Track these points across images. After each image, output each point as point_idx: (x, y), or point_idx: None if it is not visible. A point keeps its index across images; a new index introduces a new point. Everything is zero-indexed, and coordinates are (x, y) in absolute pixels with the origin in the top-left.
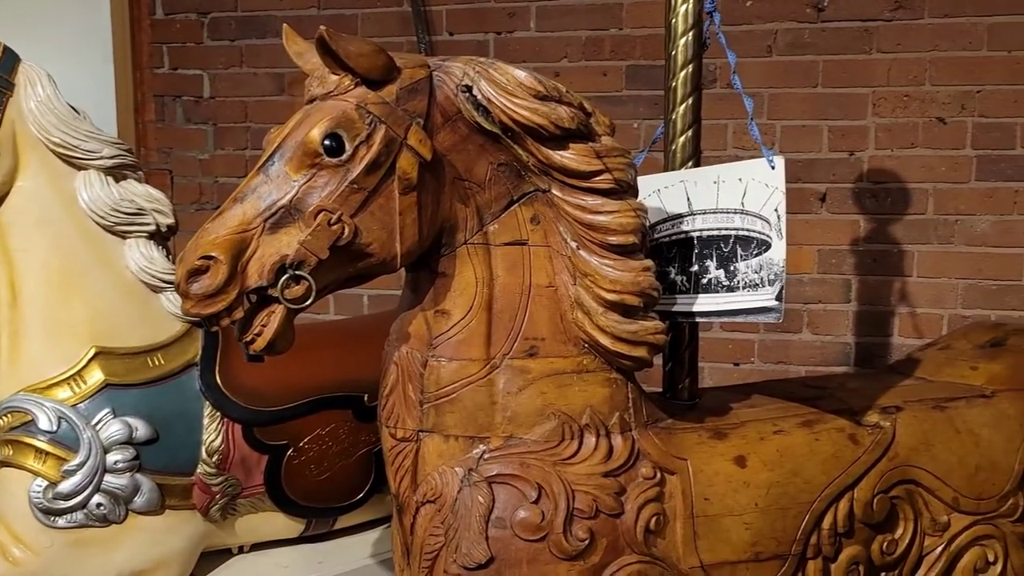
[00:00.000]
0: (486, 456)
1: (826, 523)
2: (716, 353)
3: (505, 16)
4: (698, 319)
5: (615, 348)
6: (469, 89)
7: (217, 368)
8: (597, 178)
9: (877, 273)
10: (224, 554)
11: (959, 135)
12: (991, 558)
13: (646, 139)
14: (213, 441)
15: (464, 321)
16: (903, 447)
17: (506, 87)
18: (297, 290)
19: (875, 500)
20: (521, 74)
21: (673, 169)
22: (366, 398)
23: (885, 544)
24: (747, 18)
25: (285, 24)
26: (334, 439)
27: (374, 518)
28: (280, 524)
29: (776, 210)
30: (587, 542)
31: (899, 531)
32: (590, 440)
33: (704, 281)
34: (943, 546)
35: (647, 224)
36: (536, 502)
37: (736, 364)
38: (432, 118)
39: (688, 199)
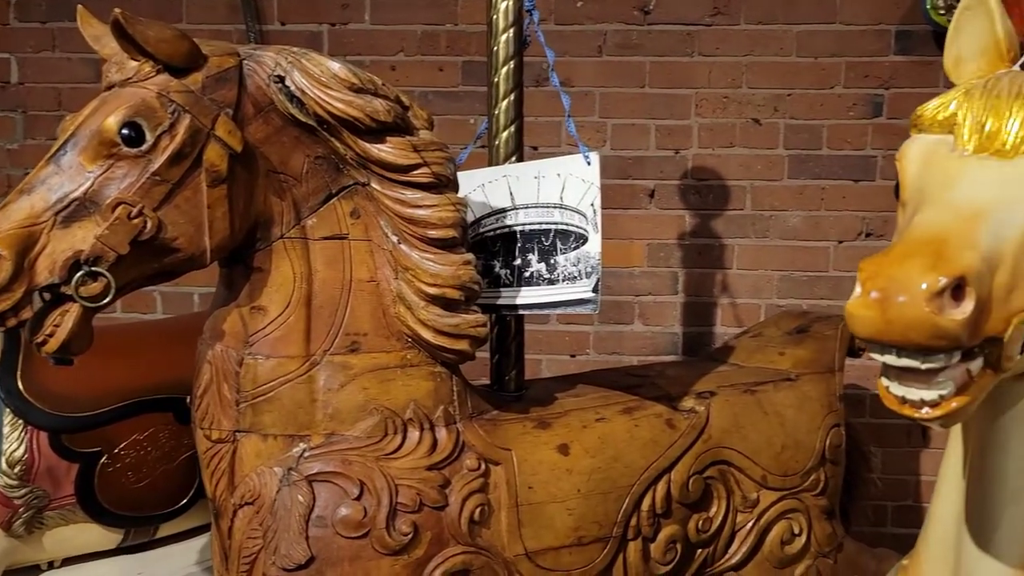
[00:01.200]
0: (306, 454)
1: (645, 505)
2: (554, 345)
3: (339, 7)
4: (521, 312)
5: (437, 341)
6: (282, 79)
7: (19, 372)
8: (415, 172)
9: (702, 266)
10: (32, 571)
11: (772, 135)
12: (796, 530)
13: None
14: (14, 451)
15: (282, 317)
16: (716, 429)
17: (320, 78)
18: (94, 287)
19: (691, 481)
20: (335, 66)
21: (497, 164)
22: (188, 400)
23: (701, 522)
24: (578, 18)
25: (80, 5)
26: (153, 443)
27: (199, 524)
28: (95, 536)
29: (592, 205)
30: (411, 536)
31: (713, 509)
32: (414, 434)
33: (527, 274)
34: (753, 521)
35: (467, 218)
36: (358, 499)
37: (573, 356)
38: (243, 108)
39: (511, 194)
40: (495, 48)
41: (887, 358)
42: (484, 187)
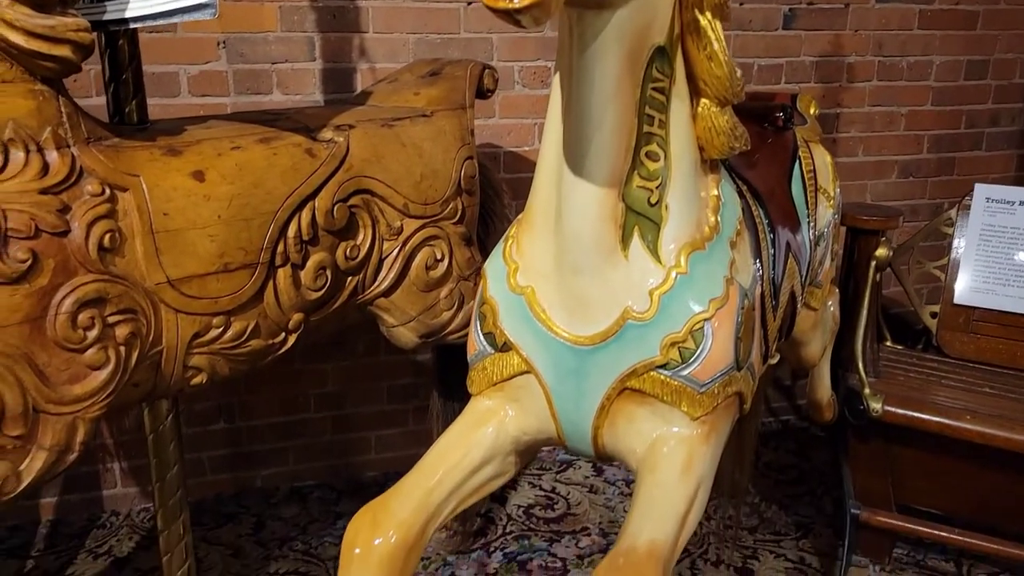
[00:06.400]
0: None
1: (291, 232)
2: None
3: None
4: (133, 24)
5: (31, 46)
6: None
7: None
8: None
9: (338, 30)
10: None
11: None
12: (439, 255)
13: None
14: None
15: None
16: (356, 159)
17: None
18: None
19: (335, 208)
20: None
21: None
22: None
23: (348, 249)
24: None
25: None
26: None
27: None
28: None
29: None
30: (29, 263)
31: (360, 237)
32: (18, 155)
33: None
34: (399, 248)
35: None
36: None
37: None
38: None
39: None
40: None
41: None
42: None
